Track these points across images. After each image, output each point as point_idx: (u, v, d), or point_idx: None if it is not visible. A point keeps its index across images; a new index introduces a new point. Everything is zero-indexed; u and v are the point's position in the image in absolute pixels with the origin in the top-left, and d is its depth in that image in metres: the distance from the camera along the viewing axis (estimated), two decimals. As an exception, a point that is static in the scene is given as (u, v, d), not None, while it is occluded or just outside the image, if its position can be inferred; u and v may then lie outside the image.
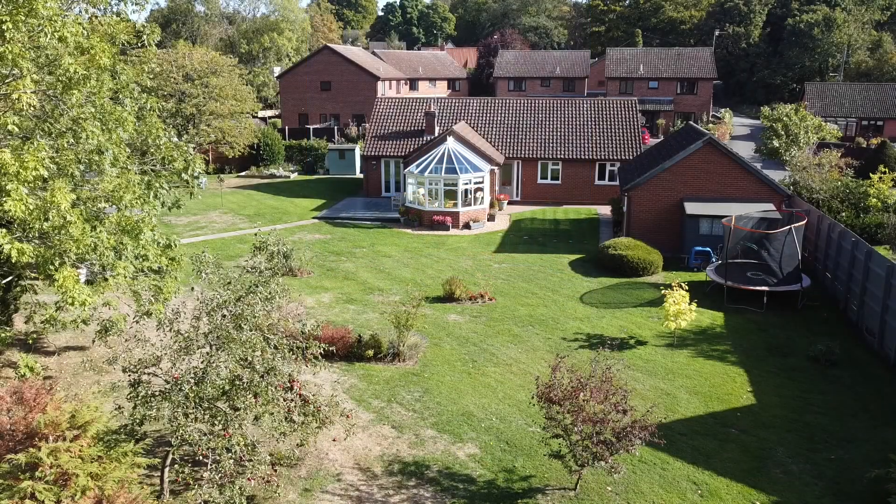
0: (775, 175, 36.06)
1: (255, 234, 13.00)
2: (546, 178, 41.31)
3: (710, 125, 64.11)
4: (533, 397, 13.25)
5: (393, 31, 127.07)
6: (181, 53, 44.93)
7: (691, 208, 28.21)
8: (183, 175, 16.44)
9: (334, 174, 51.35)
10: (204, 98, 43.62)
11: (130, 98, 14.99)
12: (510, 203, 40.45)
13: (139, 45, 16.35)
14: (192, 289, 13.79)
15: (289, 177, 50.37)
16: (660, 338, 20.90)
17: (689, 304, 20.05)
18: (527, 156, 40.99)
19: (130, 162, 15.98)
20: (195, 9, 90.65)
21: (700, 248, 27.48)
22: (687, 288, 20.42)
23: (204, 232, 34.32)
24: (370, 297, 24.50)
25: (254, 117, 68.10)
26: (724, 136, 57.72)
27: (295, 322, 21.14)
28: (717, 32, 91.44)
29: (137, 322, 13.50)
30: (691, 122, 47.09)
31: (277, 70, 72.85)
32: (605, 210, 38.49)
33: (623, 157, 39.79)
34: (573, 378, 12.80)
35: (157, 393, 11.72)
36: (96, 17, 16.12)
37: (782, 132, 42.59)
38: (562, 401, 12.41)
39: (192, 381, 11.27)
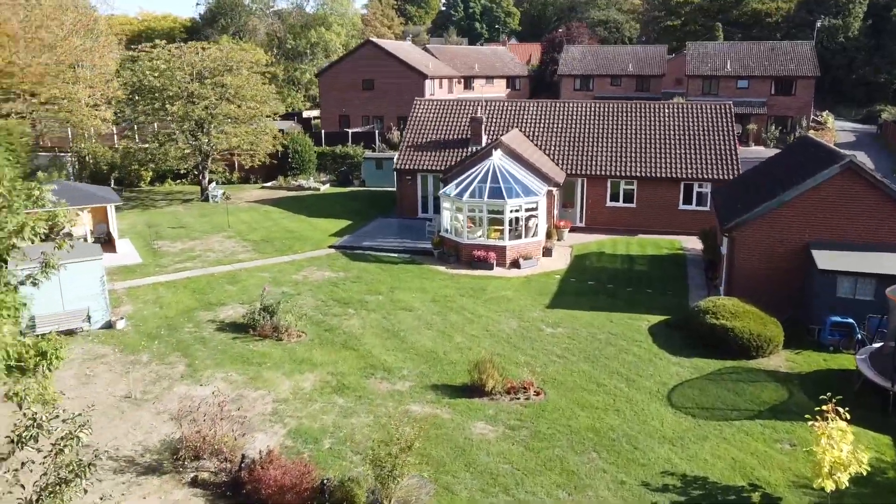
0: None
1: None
2: (617, 201, 33.56)
3: (812, 131, 54.84)
4: None
5: (453, 26, 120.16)
6: (191, 49, 38.97)
7: (824, 260, 20.21)
8: (14, 239, 9.94)
9: (371, 186, 44.73)
10: (216, 99, 37.53)
11: None
12: (572, 230, 32.86)
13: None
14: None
15: (318, 189, 44.03)
16: (801, 490, 13.27)
17: (851, 441, 12.43)
18: (593, 172, 33.37)
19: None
20: (244, 2, 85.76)
21: (839, 319, 19.49)
22: (847, 416, 12.74)
23: (194, 264, 28.12)
24: (369, 382, 17.61)
25: (297, 119, 61.97)
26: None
27: (239, 437, 14.55)
28: (818, 24, 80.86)
29: None
30: (807, 134, 38.25)
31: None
32: (692, 242, 30.59)
33: (716, 177, 31.77)
34: None
35: None
36: None
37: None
38: None
39: None
